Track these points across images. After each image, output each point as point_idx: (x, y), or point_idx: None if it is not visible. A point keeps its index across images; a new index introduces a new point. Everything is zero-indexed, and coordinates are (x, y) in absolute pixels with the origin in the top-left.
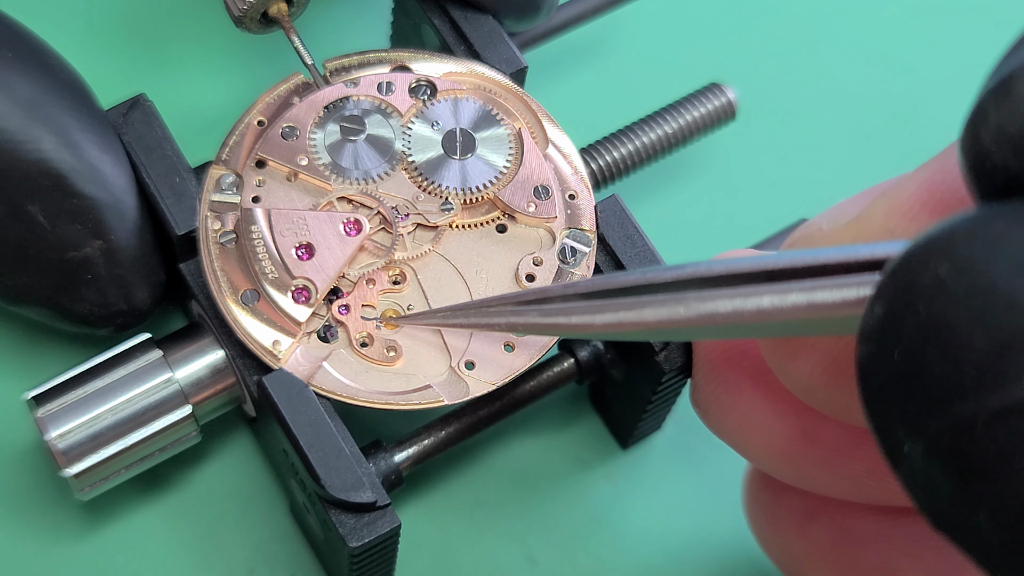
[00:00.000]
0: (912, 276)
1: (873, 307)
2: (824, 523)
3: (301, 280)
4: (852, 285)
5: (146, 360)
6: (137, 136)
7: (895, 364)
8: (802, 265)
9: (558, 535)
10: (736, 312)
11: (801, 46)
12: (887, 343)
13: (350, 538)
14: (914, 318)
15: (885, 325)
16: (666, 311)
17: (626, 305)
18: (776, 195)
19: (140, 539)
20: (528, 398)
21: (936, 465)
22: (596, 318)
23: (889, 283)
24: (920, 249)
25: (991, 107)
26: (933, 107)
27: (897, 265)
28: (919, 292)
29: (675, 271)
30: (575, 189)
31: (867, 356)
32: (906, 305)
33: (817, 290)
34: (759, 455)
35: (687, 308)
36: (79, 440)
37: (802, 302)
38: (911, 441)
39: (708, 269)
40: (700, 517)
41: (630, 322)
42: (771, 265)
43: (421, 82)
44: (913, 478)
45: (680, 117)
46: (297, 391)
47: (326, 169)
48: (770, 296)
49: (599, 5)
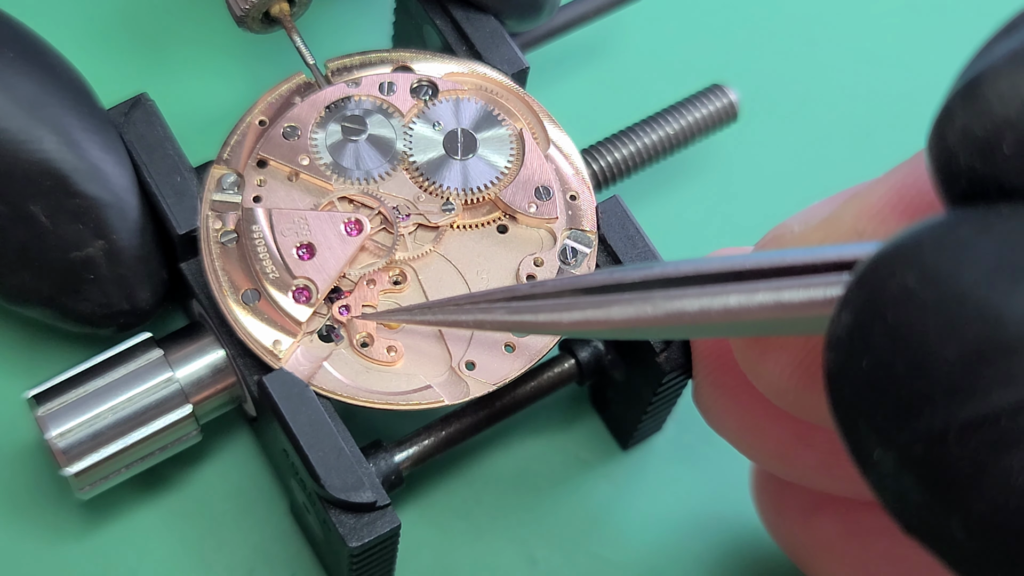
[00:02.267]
0: (880, 284)
1: (840, 315)
2: (830, 515)
3: (302, 280)
4: (819, 285)
5: (147, 359)
6: (138, 135)
7: (863, 372)
8: (770, 266)
9: (558, 535)
10: (703, 311)
11: (803, 47)
12: (855, 352)
13: (350, 538)
14: (882, 327)
15: (853, 333)
16: (633, 309)
17: (594, 303)
18: (777, 196)
19: (140, 538)
20: (528, 399)
21: (907, 474)
22: (563, 316)
23: (856, 291)
24: (888, 257)
25: (958, 108)
26: (934, 108)
27: (864, 272)
28: (887, 301)
29: (643, 271)
30: (576, 190)
31: (835, 364)
32: (874, 314)
33: (784, 289)
34: (758, 455)
35: (654, 307)
36: (79, 439)
37: (769, 301)
38: (881, 449)
39: (676, 269)
40: (700, 517)
41: (597, 320)
42: (739, 266)
43: (423, 82)
44: (884, 486)
45: (682, 118)
46: (297, 391)
47: (327, 169)
48: (737, 295)
49: (601, 6)
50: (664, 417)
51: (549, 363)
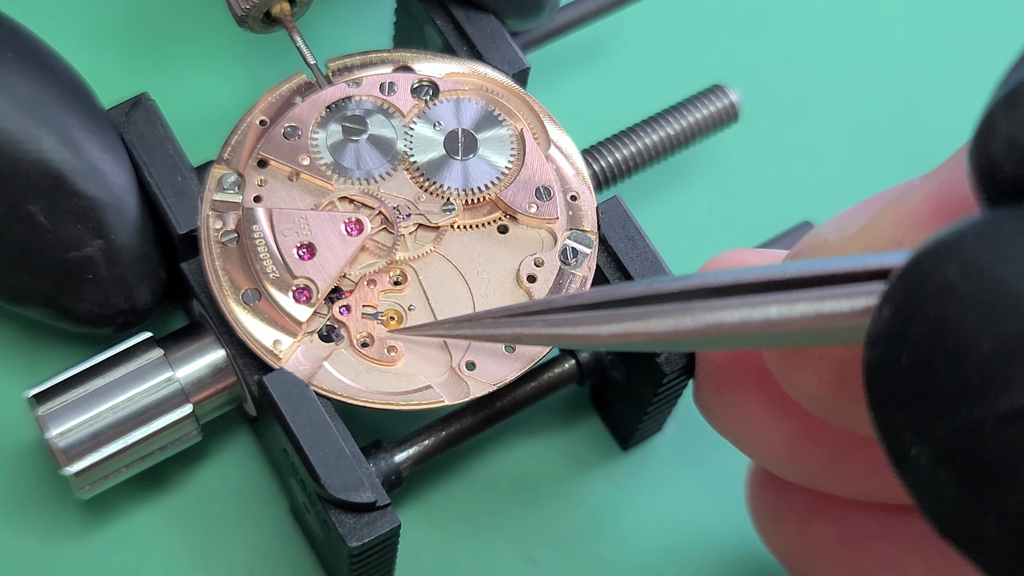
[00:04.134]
0: (921, 278)
1: (881, 310)
2: (827, 520)
3: (302, 280)
4: (860, 295)
5: (147, 359)
6: (139, 135)
7: (902, 367)
8: (810, 275)
9: (558, 535)
10: (743, 322)
11: (804, 48)
12: (895, 346)
13: (350, 538)
14: (922, 320)
15: (893, 328)
16: (673, 322)
17: (632, 316)
18: (779, 197)
19: (140, 538)
20: (529, 399)
21: (943, 470)
22: (602, 329)
23: (898, 286)
24: (929, 252)
25: (1001, 117)
26: (936, 109)
27: (906, 268)
28: (927, 294)
29: (681, 282)
30: (577, 190)
31: (874, 360)
32: (914, 307)
33: (825, 300)
34: (762, 454)
35: (694, 319)
36: (79, 438)
37: (810, 312)
38: (918, 446)
39: (715, 279)
40: (700, 518)
41: (636, 332)
42: (778, 275)
43: (423, 82)
44: (919, 484)
45: (683, 118)
46: (298, 391)
47: (328, 169)
48: (777, 306)
49: (602, 6)
50: (664, 418)
51: (549, 364)
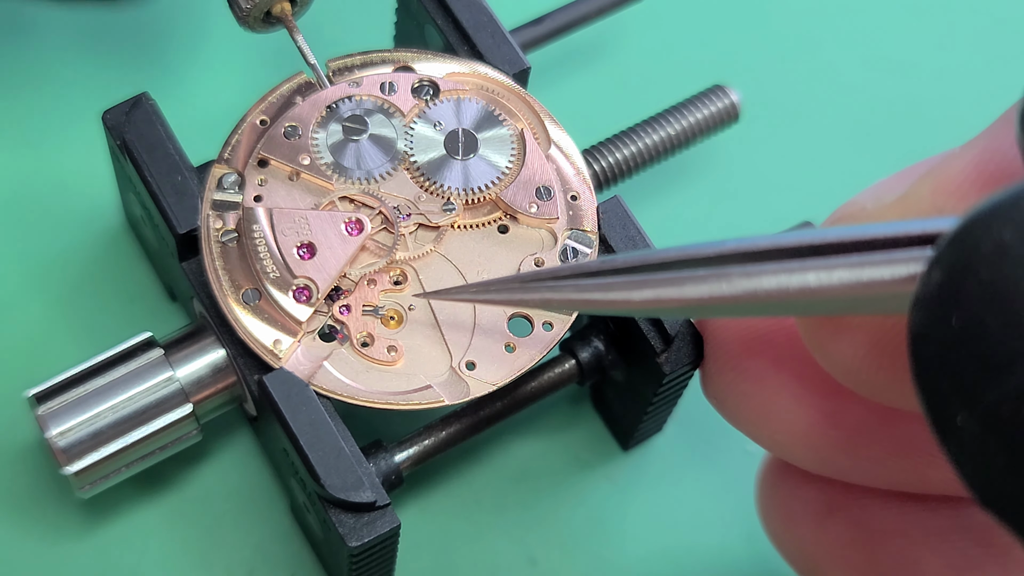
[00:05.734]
0: (974, 240)
1: (931, 273)
2: (842, 518)
3: (302, 279)
4: (903, 261)
5: (147, 359)
6: (139, 135)
7: (952, 331)
8: (850, 240)
9: (558, 535)
10: (780, 289)
11: (805, 48)
12: (945, 309)
13: (350, 538)
14: (975, 283)
15: (943, 291)
16: (708, 287)
17: (667, 281)
18: (779, 197)
19: (140, 538)
20: (529, 399)
21: (992, 437)
22: (635, 294)
23: (949, 248)
24: (983, 214)
25: None
26: (937, 109)
27: (958, 231)
28: (981, 256)
29: (717, 247)
30: (577, 190)
31: (922, 323)
32: (966, 269)
33: (866, 266)
34: (778, 441)
35: (730, 284)
36: (79, 438)
37: (850, 278)
38: (966, 412)
39: (752, 244)
40: (701, 519)
41: (670, 299)
42: (817, 240)
43: (424, 82)
44: (964, 452)
45: (683, 119)
46: (297, 390)
47: (328, 168)
48: (816, 272)
49: (603, 6)
50: (665, 418)
51: (549, 363)
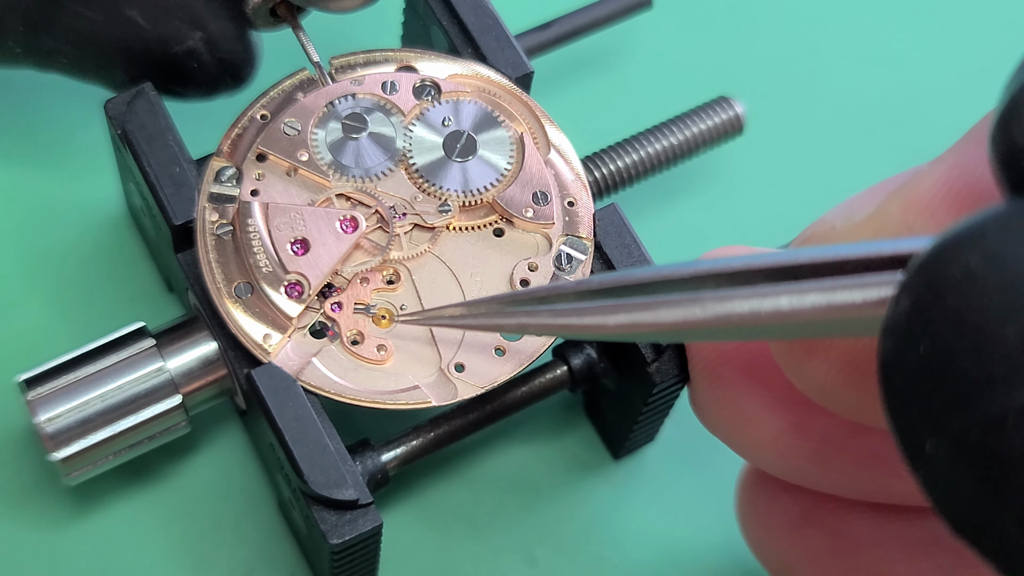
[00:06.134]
0: (941, 268)
1: (899, 300)
2: (817, 527)
3: (294, 275)
4: (874, 285)
5: (138, 348)
6: (140, 125)
7: (920, 359)
8: (821, 261)
9: (558, 536)
10: (753, 313)
11: (810, 61)
12: (913, 337)
13: (331, 535)
14: (942, 311)
15: (911, 318)
16: (682, 312)
17: (640, 306)
18: (782, 210)
19: (126, 528)
20: (519, 404)
21: (960, 465)
22: (609, 319)
23: (917, 276)
24: (950, 242)
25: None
26: (944, 122)
27: (926, 258)
28: (948, 284)
29: (691, 268)
30: (574, 196)
31: (891, 351)
32: (934, 297)
33: (837, 290)
34: (751, 449)
35: (703, 309)
36: (68, 424)
37: (821, 303)
38: (934, 440)
39: (726, 266)
40: (699, 519)
41: (644, 323)
42: (789, 261)
43: (425, 82)
44: (935, 480)
45: (686, 129)
46: (285, 385)
47: (326, 165)
48: (788, 296)
49: (610, 14)
50: (657, 428)
51: (541, 369)
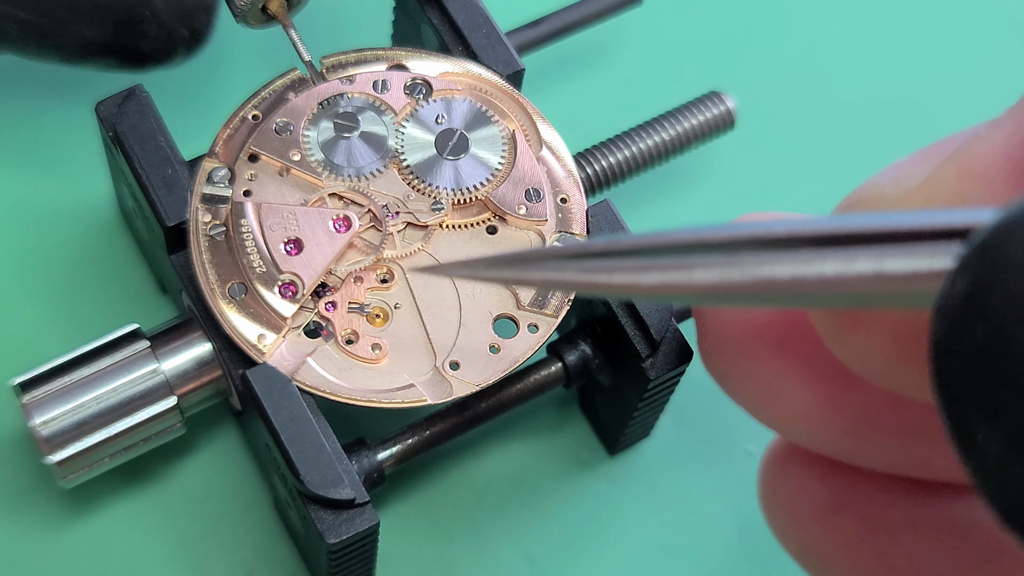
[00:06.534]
0: (1002, 249)
1: (955, 281)
2: (851, 513)
3: (288, 275)
4: (927, 255)
5: (133, 350)
6: (131, 127)
7: (977, 344)
8: (871, 231)
9: (558, 535)
10: (796, 279)
11: (801, 55)
12: (969, 321)
13: (328, 535)
14: (1002, 294)
15: (968, 301)
16: (718, 273)
17: (675, 266)
18: (774, 205)
19: (123, 530)
20: (514, 401)
21: (1014, 460)
22: (642, 277)
23: (975, 256)
24: (1011, 221)
25: None
26: (934, 115)
27: (985, 237)
28: (1009, 266)
29: (729, 231)
30: (567, 192)
31: (945, 335)
32: (994, 279)
33: (887, 258)
34: (780, 421)
35: (742, 271)
36: (63, 427)
37: (869, 271)
38: (988, 430)
39: (767, 230)
40: (697, 513)
41: (679, 284)
42: (836, 229)
43: (417, 81)
44: (986, 470)
45: (678, 124)
46: (280, 385)
47: (318, 165)
48: (834, 262)
49: (600, 10)
50: (652, 423)
51: (535, 366)
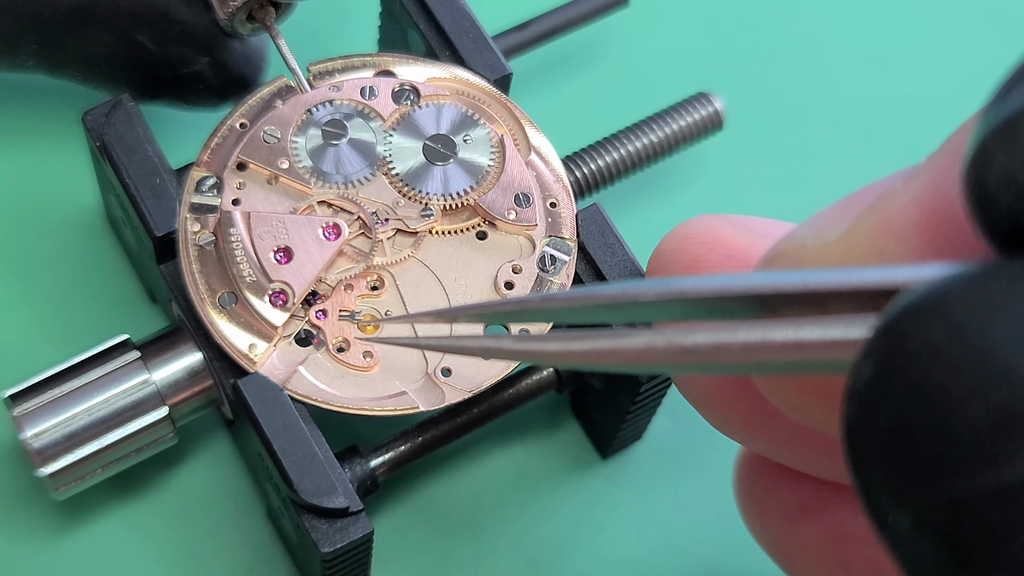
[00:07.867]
0: (903, 336)
1: (861, 366)
2: (814, 520)
3: (278, 284)
4: (842, 325)
5: (123, 361)
6: (118, 137)
7: (881, 429)
8: (792, 290)
9: (557, 535)
10: (717, 347)
11: (789, 55)
12: (874, 406)
13: (322, 543)
14: (903, 383)
15: (873, 387)
16: (644, 341)
17: (606, 334)
18: (762, 206)
19: (115, 541)
20: (506, 406)
21: (922, 539)
22: (574, 345)
23: (879, 341)
24: (913, 308)
25: (997, 150)
26: (925, 115)
27: (888, 323)
28: (909, 354)
29: (658, 287)
30: (556, 197)
31: (853, 417)
32: (895, 367)
33: (804, 328)
34: (729, 429)
35: (666, 339)
36: (54, 439)
37: (790, 339)
38: (896, 511)
39: (694, 288)
40: (690, 514)
41: (609, 351)
42: (760, 287)
43: (404, 87)
44: (899, 547)
45: (666, 126)
46: (272, 395)
47: (307, 173)
48: (753, 332)
49: (587, 13)
50: (644, 425)
51: (527, 371)
